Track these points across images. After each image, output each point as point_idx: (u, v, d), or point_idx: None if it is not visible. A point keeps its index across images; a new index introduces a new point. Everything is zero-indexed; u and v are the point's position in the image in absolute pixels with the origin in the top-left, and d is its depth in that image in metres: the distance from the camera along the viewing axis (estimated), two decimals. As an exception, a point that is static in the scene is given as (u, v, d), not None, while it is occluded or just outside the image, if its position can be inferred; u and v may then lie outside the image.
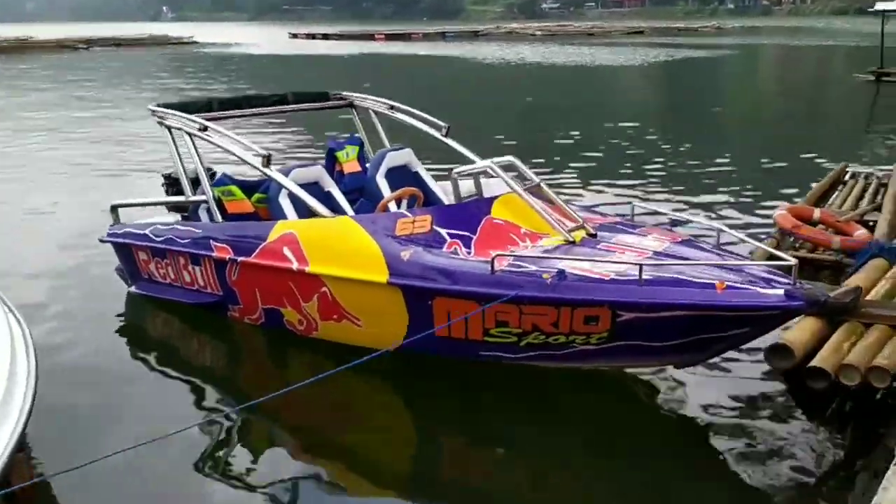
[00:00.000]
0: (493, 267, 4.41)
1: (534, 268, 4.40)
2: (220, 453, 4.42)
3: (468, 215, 5.02)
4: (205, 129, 5.77)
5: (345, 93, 7.32)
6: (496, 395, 4.86)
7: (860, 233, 6.92)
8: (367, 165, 6.53)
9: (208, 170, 6.12)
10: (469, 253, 4.72)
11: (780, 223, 6.96)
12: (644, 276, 4.13)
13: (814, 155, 13.28)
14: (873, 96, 23.24)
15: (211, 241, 5.83)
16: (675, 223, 5.19)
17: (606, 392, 4.90)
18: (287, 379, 5.50)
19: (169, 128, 6.08)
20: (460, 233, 4.87)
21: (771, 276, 4.16)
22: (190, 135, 5.90)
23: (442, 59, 38.24)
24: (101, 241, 6.88)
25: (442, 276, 4.60)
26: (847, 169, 10.11)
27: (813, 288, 3.96)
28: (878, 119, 19.07)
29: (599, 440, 4.45)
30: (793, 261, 4.11)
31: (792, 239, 6.96)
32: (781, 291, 3.97)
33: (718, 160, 12.79)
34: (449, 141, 6.64)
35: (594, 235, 4.92)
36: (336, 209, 5.87)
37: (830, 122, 18.50)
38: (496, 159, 5.40)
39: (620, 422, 4.65)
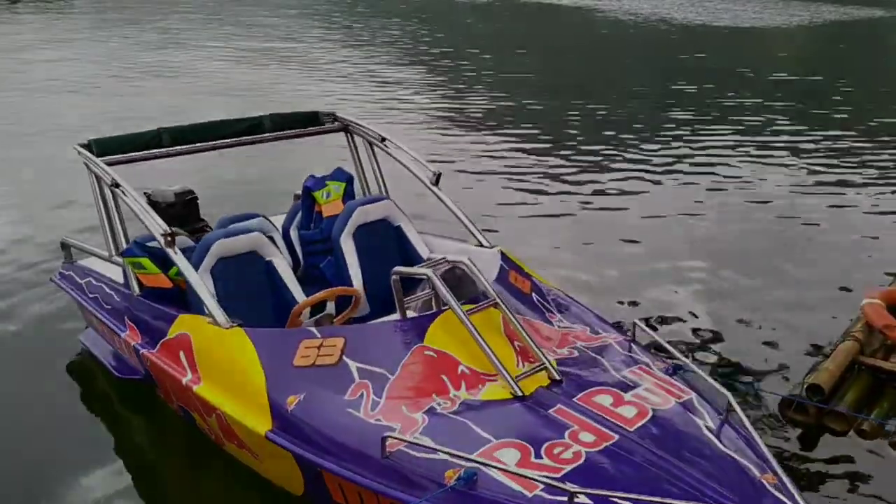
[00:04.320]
0: (383, 450, 3.19)
1: (440, 456, 3.14)
2: None
3: (392, 342, 3.76)
4: (117, 185, 4.73)
5: (339, 114, 6.13)
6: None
7: (979, 337, 5.20)
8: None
9: None
10: (377, 405, 3.48)
11: (870, 318, 5.29)
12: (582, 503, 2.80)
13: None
14: None
15: (125, 316, 4.89)
16: (676, 368, 3.76)
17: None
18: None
19: (97, 175, 5.09)
20: (375, 370, 3.64)
21: None
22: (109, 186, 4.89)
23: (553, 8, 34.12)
24: (52, 280, 6.11)
25: (326, 445, 3.42)
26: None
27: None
28: None
29: None
30: None
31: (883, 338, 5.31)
32: None
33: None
34: (437, 191, 5.38)
35: (559, 382, 3.58)
36: (277, 284, 4.78)
37: None
38: (450, 256, 4.09)
39: None
